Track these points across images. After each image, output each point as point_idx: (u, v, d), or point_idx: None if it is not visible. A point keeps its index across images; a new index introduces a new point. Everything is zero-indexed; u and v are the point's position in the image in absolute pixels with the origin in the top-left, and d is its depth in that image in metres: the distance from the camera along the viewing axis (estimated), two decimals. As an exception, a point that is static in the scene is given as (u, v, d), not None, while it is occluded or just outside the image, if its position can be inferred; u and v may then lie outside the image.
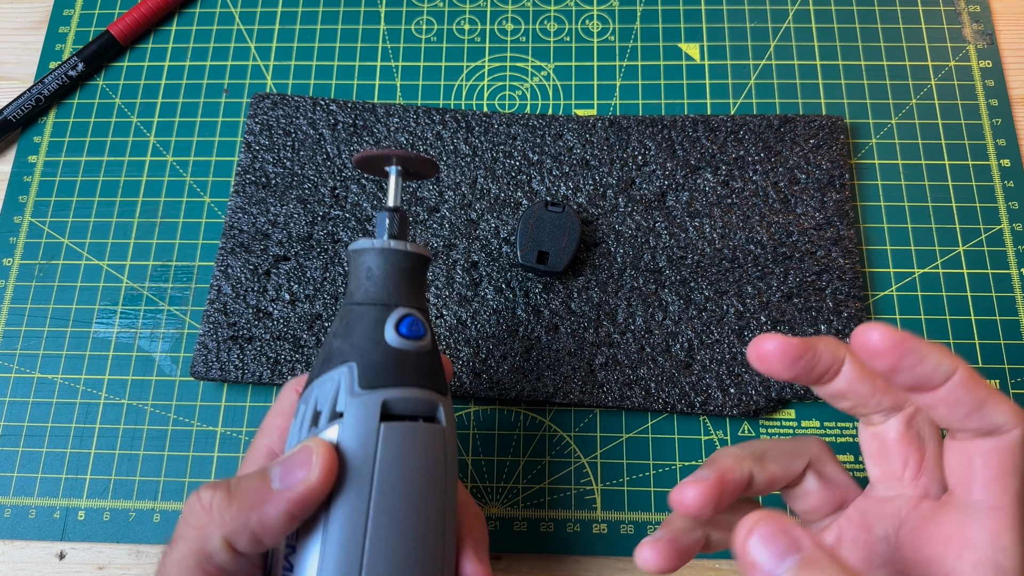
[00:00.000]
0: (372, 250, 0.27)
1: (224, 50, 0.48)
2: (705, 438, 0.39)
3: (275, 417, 0.29)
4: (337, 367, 0.26)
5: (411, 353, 0.26)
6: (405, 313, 0.27)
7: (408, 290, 0.28)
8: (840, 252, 0.41)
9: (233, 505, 0.23)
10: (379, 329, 0.26)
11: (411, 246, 0.28)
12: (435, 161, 0.30)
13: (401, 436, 0.25)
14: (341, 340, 0.26)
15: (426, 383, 0.27)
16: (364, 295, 0.27)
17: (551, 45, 0.47)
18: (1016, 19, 0.47)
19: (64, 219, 0.44)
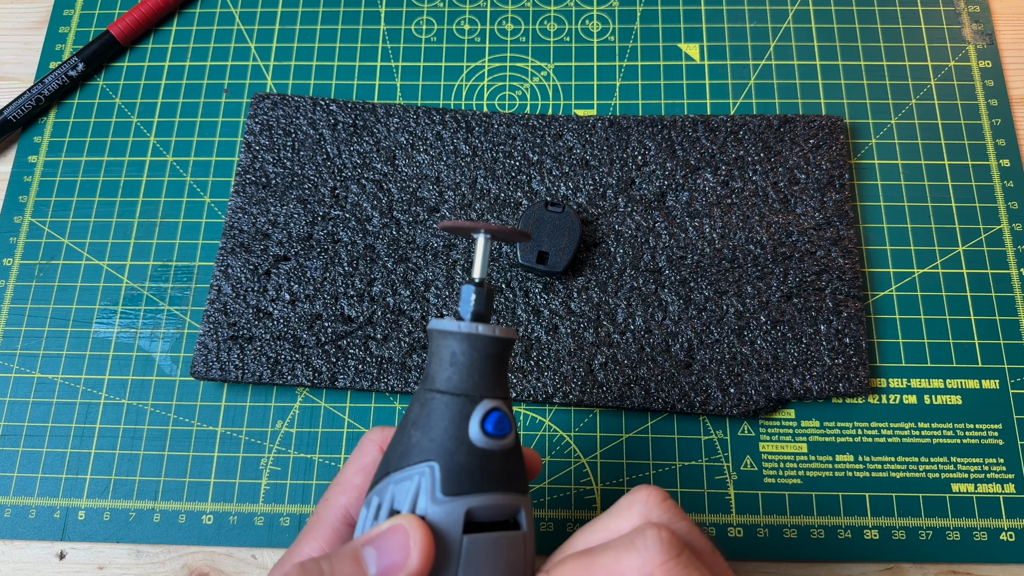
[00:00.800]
0: (458, 335, 0.25)
1: (224, 50, 0.48)
2: (705, 438, 0.39)
3: (355, 475, 0.27)
4: (417, 464, 0.24)
5: (496, 453, 0.24)
6: (491, 408, 0.25)
7: (494, 379, 0.25)
8: (840, 252, 0.41)
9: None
10: (463, 426, 0.24)
11: (500, 330, 0.25)
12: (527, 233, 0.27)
13: (484, 548, 0.24)
14: (421, 434, 0.24)
15: (510, 486, 0.25)
16: (447, 383, 0.25)
17: (551, 45, 0.47)
18: (1016, 19, 0.47)
19: (64, 219, 0.44)
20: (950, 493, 0.38)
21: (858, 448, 0.39)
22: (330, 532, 0.26)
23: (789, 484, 0.38)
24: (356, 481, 0.27)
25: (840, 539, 0.37)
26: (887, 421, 0.39)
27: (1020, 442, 0.39)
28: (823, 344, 0.39)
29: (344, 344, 0.40)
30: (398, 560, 0.22)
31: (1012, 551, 0.37)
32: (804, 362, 0.39)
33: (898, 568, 0.37)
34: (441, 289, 0.41)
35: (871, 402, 0.39)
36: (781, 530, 0.37)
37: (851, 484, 0.38)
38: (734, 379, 0.39)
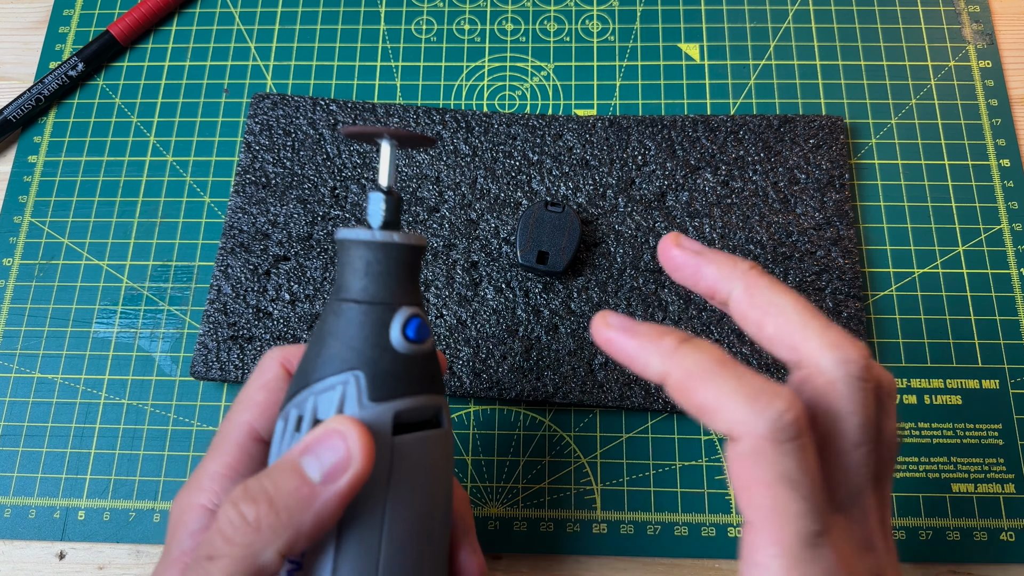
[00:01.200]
0: (372, 243, 0.25)
1: (224, 50, 0.48)
2: (705, 438, 0.39)
3: (257, 392, 0.27)
4: (340, 374, 0.24)
5: (418, 357, 0.25)
6: (411, 314, 0.25)
7: (410, 286, 0.25)
8: (840, 252, 0.41)
9: (282, 515, 0.21)
10: (384, 333, 0.24)
11: (413, 237, 0.25)
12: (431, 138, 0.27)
13: (413, 448, 0.24)
14: (341, 344, 0.24)
15: (431, 388, 0.25)
16: (363, 292, 0.25)
17: (551, 45, 0.47)
18: (1016, 19, 0.47)
19: (64, 219, 0.44)
20: (950, 493, 0.38)
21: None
22: (236, 448, 0.26)
23: (789, 484, 0.38)
24: (258, 398, 0.27)
25: (840, 539, 0.37)
26: (887, 421, 0.39)
27: (1020, 442, 0.39)
28: (823, 344, 0.39)
29: (344, 344, 0.40)
30: (340, 462, 0.22)
31: (1012, 551, 0.37)
32: (804, 362, 0.39)
33: (898, 568, 0.37)
34: (441, 289, 0.41)
35: (871, 402, 0.39)
36: (781, 530, 0.37)
37: (851, 484, 0.38)
38: (734, 379, 0.39)
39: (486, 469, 0.39)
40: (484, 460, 0.39)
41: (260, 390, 0.27)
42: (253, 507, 0.22)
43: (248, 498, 0.22)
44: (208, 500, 0.25)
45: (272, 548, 0.21)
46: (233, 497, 0.22)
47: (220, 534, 0.22)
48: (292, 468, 0.22)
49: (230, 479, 0.25)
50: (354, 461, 0.22)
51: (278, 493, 0.22)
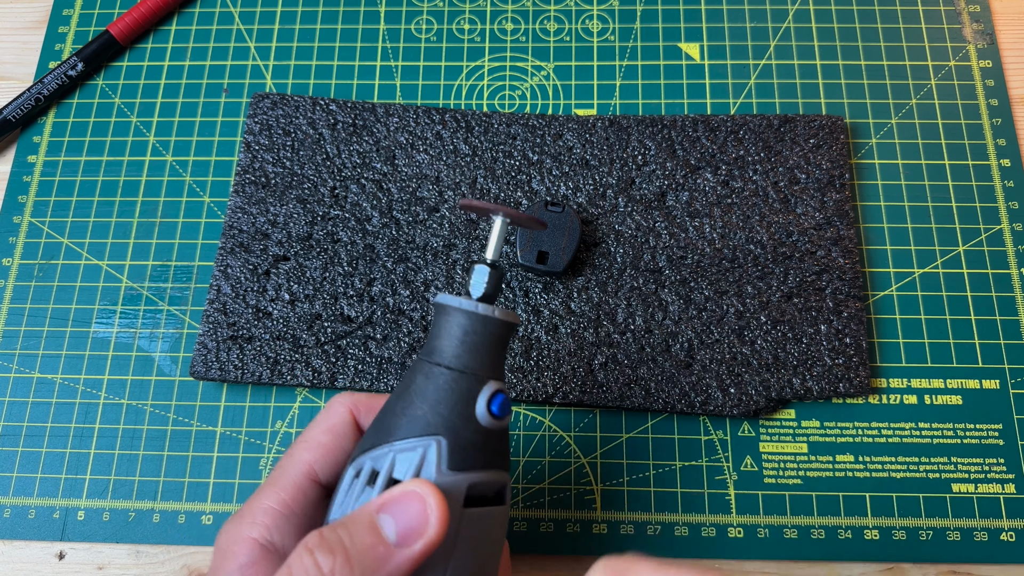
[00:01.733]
0: (473, 314, 0.26)
1: (224, 50, 0.48)
2: (705, 438, 0.39)
3: (322, 433, 0.27)
4: (423, 436, 0.24)
5: (495, 432, 0.25)
6: (497, 389, 0.25)
7: (498, 361, 0.26)
8: (840, 252, 0.41)
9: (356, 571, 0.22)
10: (471, 404, 0.25)
11: (510, 315, 0.26)
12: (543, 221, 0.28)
13: (478, 521, 0.24)
14: (428, 407, 0.25)
15: (503, 464, 0.26)
16: (456, 360, 0.25)
17: (551, 45, 0.47)
18: (1016, 19, 0.47)
19: (64, 219, 0.44)
20: (950, 493, 0.38)
21: (858, 448, 0.39)
22: (293, 486, 0.26)
23: (789, 484, 0.38)
24: (323, 440, 0.27)
25: (840, 539, 0.37)
26: (887, 421, 0.39)
27: (1020, 442, 0.39)
28: (823, 344, 0.39)
29: (344, 344, 0.40)
30: (417, 526, 0.22)
31: (1012, 551, 0.37)
32: (804, 362, 0.39)
33: (898, 568, 0.37)
34: (441, 289, 0.41)
35: (871, 402, 0.39)
36: (781, 530, 0.37)
37: (851, 484, 0.38)
38: (734, 379, 0.39)
39: (486, 469, 0.39)
40: (484, 460, 0.39)
41: (326, 433, 0.27)
42: (330, 559, 0.22)
43: (325, 548, 0.22)
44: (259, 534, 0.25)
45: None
46: (309, 544, 0.22)
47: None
48: (369, 524, 0.22)
49: (283, 516, 0.25)
50: (431, 527, 0.22)
51: (354, 548, 0.22)
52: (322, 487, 0.27)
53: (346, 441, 0.27)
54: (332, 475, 0.27)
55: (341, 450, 0.27)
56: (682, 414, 0.39)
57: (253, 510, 0.26)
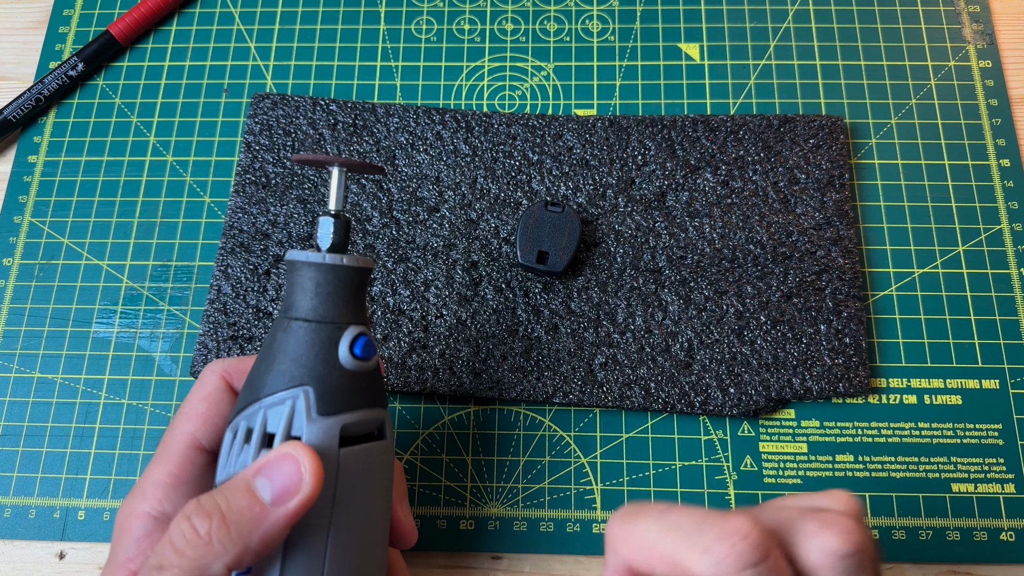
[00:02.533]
0: (322, 266, 0.26)
1: (224, 50, 0.48)
2: (705, 438, 0.39)
3: (199, 403, 0.28)
4: (290, 389, 0.25)
5: (363, 374, 0.26)
6: (358, 333, 0.26)
7: (357, 306, 0.27)
8: (840, 252, 0.41)
9: (233, 532, 0.23)
10: (332, 351, 0.26)
11: (361, 260, 0.27)
12: (380, 166, 0.28)
13: (357, 459, 0.26)
14: (291, 360, 0.26)
15: (376, 401, 0.27)
16: (312, 312, 0.26)
17: (551, 45, 0.47)
18: (1016, 19, 0.47)
19: (64, 219, 0.44)
20: (950, 493, 0.38)
21: (858, 448, 0.39)
22: (178, 457, 0.27)
23: (789, 484, 0.38)
24: (200, 409, 0.28)
25: (840, 539, 0.37)
26: (887, 421, 0.39)
27: (1020, 442, 0.39)
28: (823, 344, 0.39)
29: (344, 344, 0.40)
30: (291, 485, 0.23)
31: (1012, 551, 0.37)
32: (804, 362, 0.39)
33: (898, 568, 0.37)
34: (441, 289, 0.41)
35: (871, 402, 0.39)
36: (781, 530, 0.37)
37: (851, 484, 0.38)
38: (734, 379, 0.39)
39: (486, 469, 0.39)
40: (484, 460, 0.39)
41: (202, 402, 0.28)
42: (206, 522, 0.23)
43: (202, 513, 0.23)
44: (152, 508, 0.26)
45: (220, 562, 0.22)
46: (187, 511, 0.23)
47: (171, 546, 0.23)
48: (245, 488, 0.23)
49: (173, 487, 0.27)
50: (305, 485, 0.23)
51: (230, 510, 0.23)
52: (208, 453, 0.28)
53: (223, 406, 0.28)
54: (215, 440, 0.28)
55: (220, 416, 0.28)
56: (682, 414, 0.39)
57: (143, 485, 0.27)
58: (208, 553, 0.22)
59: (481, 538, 0.38)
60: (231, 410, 0.28)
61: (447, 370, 0.39)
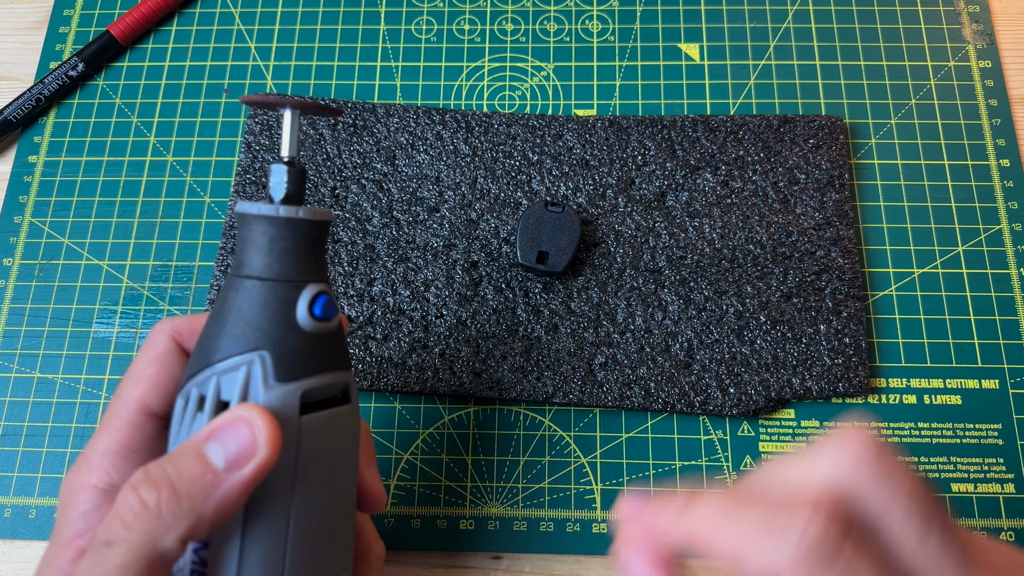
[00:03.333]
0: (276, 219, 0.24)
1: (224, 50, 0.48)
2: (705, 438, 0.39)
3: (147, 365, 0.26)
4: (244, 353, 0.23)
5: (324, 336, 0.24)
6: (317, 291, 0.24)
7: (315, 263, 0.25)
8: (840, 252, 0.41)
9: (184, 502, 0.21)
10: (290, 312, 0.24)
11: (318, 213, 0.25)
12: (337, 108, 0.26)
13: (320, 426, 0.24)
14: (244, 323, 0.24)
15: (338, 364, 0.25)
16: (267, 270, 0.24)
17: (551, 45, 0.47)
18: (1016, 19, 0.47)
19: (64, 219, 0.44)
20: (950, 493, 0.38)
21: (858, 448, 0.39)
22: (127, 425, 0.25)
23: (789, 484, 0.38)
24: (149, 372, 0.26)
25: (840, 539, 0.37)
26: (887, 421, 0.39)
27: (1020, 442, 0.39)
28: (823, 344, 0.39)
29: (344, 344, 0.40)
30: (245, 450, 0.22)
31: (1012, 551, 0.37)
32: (804, 362, 0.39)
33: (898, 568, 0.37)
34: (441, 289, 0.41)
35: (871, 402, 0.39)
36: (781, 530, 0.37)
37: (851, 484, 0.38)
38: (734, 379, 0.39)
39: (486, 469, 0.39)
40: (484, 460, 0.39)
41: (151, 363, 0.26)
42: (154, 492, 0.21)
43: (150, 483, 0.21)
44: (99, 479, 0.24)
45: (173, 534, 0.21)
46: (133, 482, 0.22)
47: (119, 519, 0.21)
48: (196, 454, 0.22)
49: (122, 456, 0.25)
50: (260, 450, 0.22)
51: (180, 479, 0.21)
52: (159, 419, 0.26)
53: (174, 368, 0.26)
54: (166, 405, 0.26)
55: (171, 378, 0.26)
56: (682, 414, 0.39)
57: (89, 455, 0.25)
58: (159, 526, 0.21)
59: (481, 538, 0.38)
60: (182, 373, 0.26)
61: (447, 370, 0.39)
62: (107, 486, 0.24)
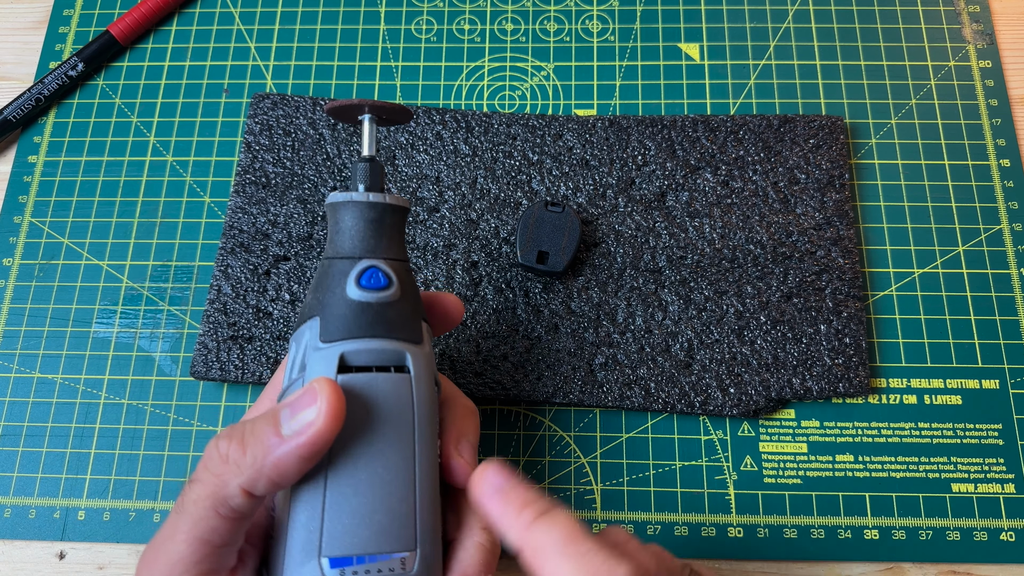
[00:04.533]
0: (344, 204, 0.28)
1: (224, 50, 0.48)
2: (705, 438, 0.39)
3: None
4: (308, 321, 0.27)
5: (372, 304, 0.27)
6: (368, 265, 0.27)
7: (377, 242, 0.28)
8: (840, 252, 0.41)
9: (248, 455, 0.24)
10: (342, 283, 0.27)
11: (388, 197, 0.28)
12: (408, 109, 0.30)
13: (358, 388, 0.25)
14: (312, 295, 0.27)
15: (389, 333, 0.27)
16: (334, 249, 0.28)
17: (551, 45, 0.47)
18: (1016, 19, 0.47)
19: (64, 219, 0.44)
20: (950, 493, 0.38)
21: (858, 448, 0.39)
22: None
23: (789, 484, 0.38)
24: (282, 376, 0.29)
25: (840, 539, 0.37)
26: (887, 421, 0.39)
27: (1020, 442, 0.39)
28: (823, 344, 0.39)
29: (344, 344, 0.40)
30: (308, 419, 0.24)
31: (1012, 551, 0.37)
32: (804, 362, 0.39)
33: (898, 568, 0.37)
34: (441, 289, 0.41)
35: (871, 402, 0.39)
36: (781, 530, 0.37)
37: (851, 484, 0.38)
38: (734, 379, 0.39)
39: (486, 469, 0.39)
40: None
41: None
42: (227, 444, 0.24)
43: (227, 436, 0.25)
44: None
45: (236, 482, 0.24)
46: (220, 433, 0.25)
47: (203, 462, 0.25)
48: (272, 417, 0.25)
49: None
50: (318, 419, 0.24)
51: (251, 435, 0.24)
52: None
53: None
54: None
55: None
56: (682, 414, 0.39)
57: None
58: (226, 471, 0.24)
59: (481, 538, 0.38)
60: None
61: (447, 370, 0.39)
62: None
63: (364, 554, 0.24)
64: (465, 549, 0.27)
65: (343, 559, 0.24)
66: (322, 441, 0.24)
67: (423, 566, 0.25)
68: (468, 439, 0.29)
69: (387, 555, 0.25)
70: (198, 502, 0.24)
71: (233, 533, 0.25)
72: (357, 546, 0.24)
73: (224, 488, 0.24)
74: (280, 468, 0.24)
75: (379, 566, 0.25)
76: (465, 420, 0.29)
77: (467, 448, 0.29)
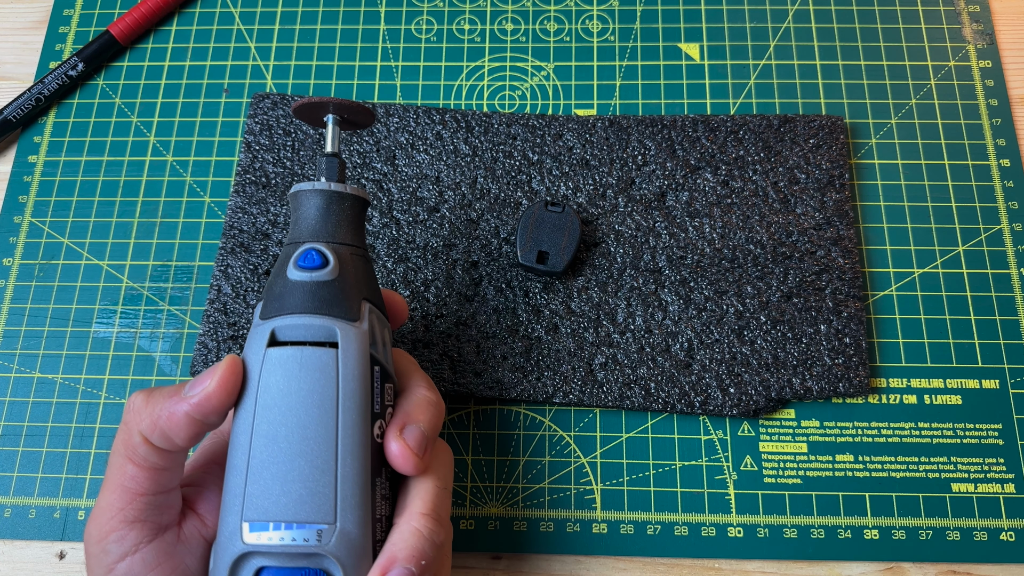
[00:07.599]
0: (296, 193, 0.30)
1: (224, 50, 0.48)
2: (705, 438, 0.39)
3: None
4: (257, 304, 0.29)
5: (306, 283, 0.28)
6: (307, 248, 0.29)
7: (323, 227, 0.30)
8: (840, 252, 0.41)
9: (148, 406, 0.27)
10: (286, 265, 0.29)
11: (337, 186, 0.30)
12: (371, 110, 0.32)
13: (283, 360, 0.27)
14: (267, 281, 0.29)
15: (320, 309, 0.28)
16: (289, 237, 0.30)
17: (551, 45, 0.47)
18: (1016, 19, 0.47)
19: (64, 219, 0.44)
20: (950, 493, 0.38)
21: (858, 448, 0.39)
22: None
23: (789, 484, 0.38)
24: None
25: (840, 539, 0.37)
26: (887, 421, 0.39)
27: (1020, 442, 0.39)
28: (823, 344, 0.39)
29: (344, 344, 0.40)
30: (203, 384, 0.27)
31: (1012, 551, 0.37)
32: (804, 362, 0.39)
33: (898, 568, 0.37)
34: (441, 289, 0.41)
35: (871, 402, 0.39)
36: (781, 530, 0.37)
37: (851, 484, 0.38)
38: (734, 379, 0.39)
39: (486, 469, 0.39)
40: (484, 460, 0.39)
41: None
42: (138, 396, 0.28)
43: (141, 391, 0.28)
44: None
45: (137, 428, 0.27)
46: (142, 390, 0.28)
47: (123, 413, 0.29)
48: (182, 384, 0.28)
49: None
50: (210, 386, 0.27)
51: (157, 393, 0.28)
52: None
53: None
54: None
55: None
56: (682, 414, 0.39)
57: None
58: (131, 420, 0.27)
59: (481, 538, 0.38)
60: None
61: (447, 370, 0.39)
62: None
63: (281, 521, 0.26)
64: (400, 532, 0.27)
65: (262, 524, 0.26)
66: (210, 405, 0.26)
67: (342, 541, 0.26)
68: (419, 426, 0.28)
69: (303, 525, 0.26)
70: (115, 451, 0.27)
71: (151, 482, 0.27)
72: (275, 513, 0.26)
73: (131, 437, 0.27)
74: (172, 421, 0.26)
75: (294, 534, 0.25)
76: (420, 408, 0.29)
77: (414, 434, 0.28)
